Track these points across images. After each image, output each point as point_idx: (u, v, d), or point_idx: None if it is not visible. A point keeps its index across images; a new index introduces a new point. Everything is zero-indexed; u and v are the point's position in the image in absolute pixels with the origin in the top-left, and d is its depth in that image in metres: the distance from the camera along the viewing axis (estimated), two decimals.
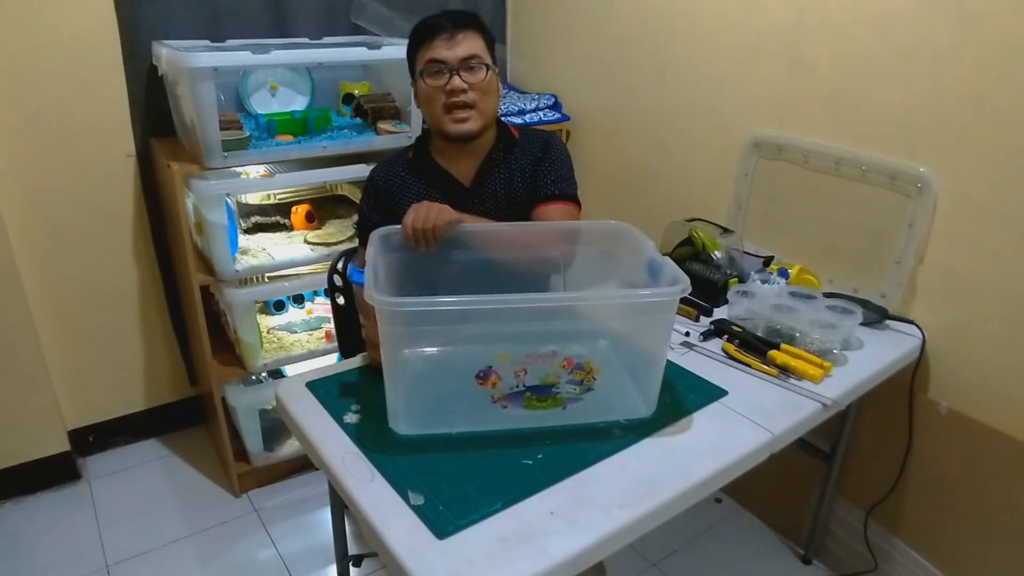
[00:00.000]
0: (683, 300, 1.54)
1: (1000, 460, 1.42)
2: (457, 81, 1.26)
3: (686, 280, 1.02)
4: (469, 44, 1.27)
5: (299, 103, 2.06)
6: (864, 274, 1.57)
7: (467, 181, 1.39)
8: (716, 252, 1.61)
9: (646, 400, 1.13)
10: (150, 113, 1.92)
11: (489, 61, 1.30)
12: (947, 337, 1.46)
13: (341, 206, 2.18)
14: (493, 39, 1.34)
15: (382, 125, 1.93)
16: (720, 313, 1.51)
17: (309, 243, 1.94)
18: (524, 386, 1.05)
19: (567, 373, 1.05)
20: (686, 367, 1.30)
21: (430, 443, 1.05)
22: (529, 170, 1.39)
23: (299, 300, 2.16)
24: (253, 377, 1.96)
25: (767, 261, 1.69)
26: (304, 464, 2.10)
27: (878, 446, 1.64)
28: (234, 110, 1.95)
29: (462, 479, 0.97)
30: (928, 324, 1.47)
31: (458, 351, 1.08)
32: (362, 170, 1.84)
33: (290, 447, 2.07)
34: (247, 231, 2.03)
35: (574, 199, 1.40)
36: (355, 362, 1.30)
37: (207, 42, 1.89)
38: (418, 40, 1.30)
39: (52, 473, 2.02)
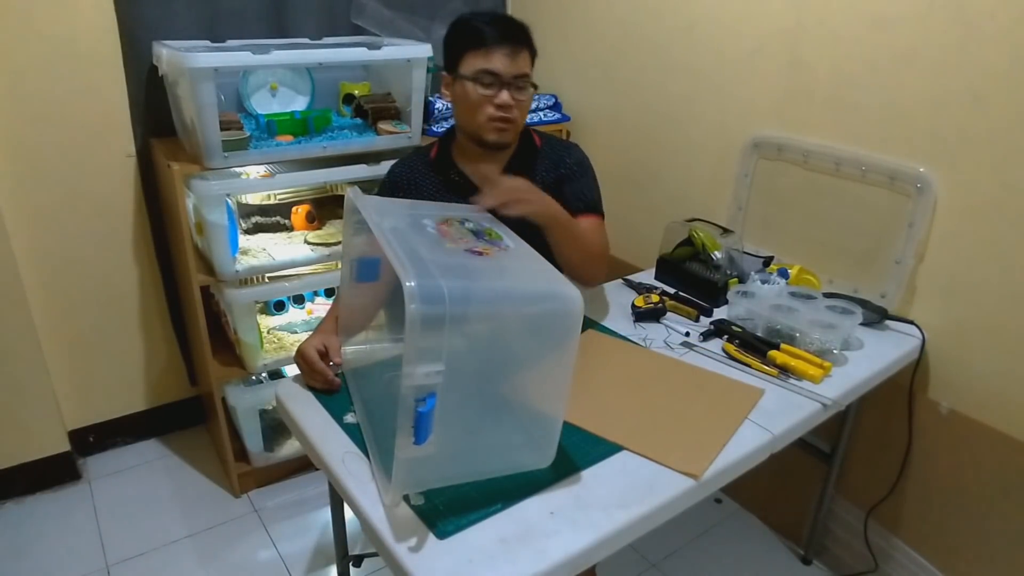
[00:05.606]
0: (683, 300, 1.56)
1: (1000, 460, 1.42)
2: (506, 96, 1.29)
3: None
4: (524, 63, 1.31)
5: (299, 103, 2.06)
6: (864, 274, 1.57)
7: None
8: (716, 252, 1.61)
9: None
10: (150, 113, 1.92)
11: (532, 79, 1.34)
12: (947, 337, 1.46)
13: (342, 206, 2.17)
14: (536, 54, 1.36)
15: (382, 125, 1.93)
16: (720, 313, 1.51)
17: (309, 243, 1.94)
18: None
19: None
20: None
21: None
22: (552, 188, 1.41)
23: (299, 300, 2.16)
24: (253, 377, 1.96)
25: (767, 261, 1.69)
26: (304, 464, 2.10)
27: (878, 446, 1.64)
28: (234, 110, 1.95)
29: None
30: (928, 324, 1.47)
31: None
32: (362, 170, 1.84)
33: (290, 447, 2.07)
34: (247, 231, 2.03)
35: (597, 210, 1.43)
36: None
37: (207, 42, 1.89)
38: (474, 42, 1.28)
39: (52, 473, 2.02)
